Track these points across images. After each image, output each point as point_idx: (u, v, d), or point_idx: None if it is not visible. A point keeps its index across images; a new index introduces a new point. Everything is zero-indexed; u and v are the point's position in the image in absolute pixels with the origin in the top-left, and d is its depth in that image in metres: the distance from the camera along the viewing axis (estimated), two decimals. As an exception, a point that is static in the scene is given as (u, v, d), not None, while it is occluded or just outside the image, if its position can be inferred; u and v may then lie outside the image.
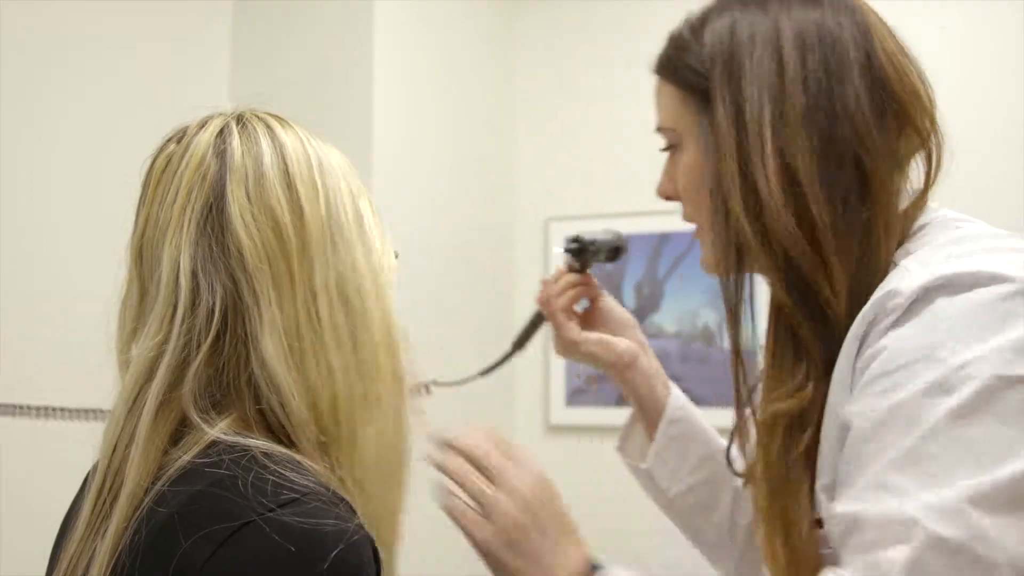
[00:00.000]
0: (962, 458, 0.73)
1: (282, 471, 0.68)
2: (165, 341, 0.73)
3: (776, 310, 0.89)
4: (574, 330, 1.21)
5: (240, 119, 0.80)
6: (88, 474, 0.79)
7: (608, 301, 1.25)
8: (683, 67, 0.96)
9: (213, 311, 0.73)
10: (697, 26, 0.96)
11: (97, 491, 0.72)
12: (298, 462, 0.70)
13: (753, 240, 0.88)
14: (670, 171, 1.01)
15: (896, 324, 0.80)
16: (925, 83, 0.92)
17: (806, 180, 0.87)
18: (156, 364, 0.73)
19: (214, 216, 0.75)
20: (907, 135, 0.90)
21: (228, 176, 0.76)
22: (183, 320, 0.73)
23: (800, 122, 0.88)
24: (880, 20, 0.93)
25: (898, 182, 0.90)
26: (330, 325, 0.75)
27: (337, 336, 0.75)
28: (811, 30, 0.90)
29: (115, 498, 0.70)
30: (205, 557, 0.64)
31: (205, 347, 0.73)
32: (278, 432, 0.74)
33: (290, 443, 0.73)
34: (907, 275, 0.82)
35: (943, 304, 0.78)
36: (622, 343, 1.20)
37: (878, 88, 0.89)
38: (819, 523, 0.86)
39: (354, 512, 0.70)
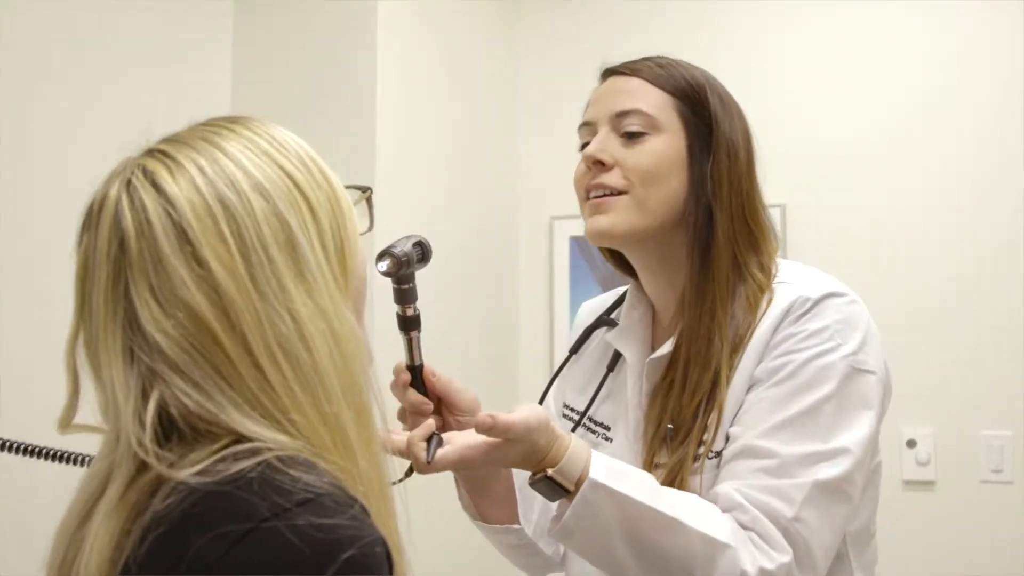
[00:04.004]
0: (836, 422, 1.12)
1: (296, 471, 0.68)
2: (118, 458, 0.73)
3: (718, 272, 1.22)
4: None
5: (128, 184, 0.75)
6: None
7: (447, 383, 1.20)
8: (678, 76, 1.27)
9: (172, 417, 0.71)
10: (676, 61, 1.30)
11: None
12: (312, 462, 0.70)
13: (704, 216, 1.22)
14: (616, 148, 1.26)
15: (803, 316, 1.16)
16: None
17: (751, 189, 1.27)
18: (108, 479, 0.73)
19: (133, 326, 0.72)
20: None
21: (131, 273, 0.72)
22: (139, 433, 0.71)
23: (750, 161, 1.28)
24: None
25: None
26: (284, 388, 0.72)
27: (293, 397, 0.72)
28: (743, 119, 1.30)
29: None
30: (219, 556, 0.64)
31: (174, 444, 0.72)
32: None
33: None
34: (805, 288, 1.18)
35: (832, 305, 1.17)
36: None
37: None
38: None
39: (367, 513, 0.70)
